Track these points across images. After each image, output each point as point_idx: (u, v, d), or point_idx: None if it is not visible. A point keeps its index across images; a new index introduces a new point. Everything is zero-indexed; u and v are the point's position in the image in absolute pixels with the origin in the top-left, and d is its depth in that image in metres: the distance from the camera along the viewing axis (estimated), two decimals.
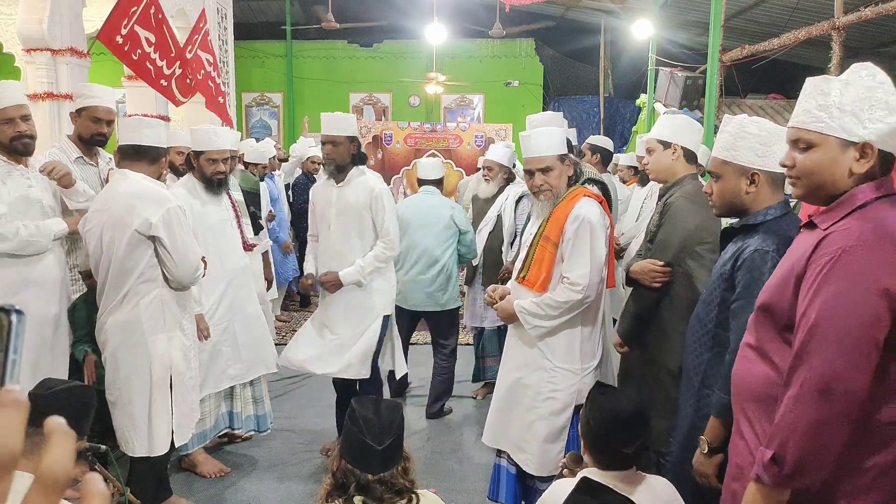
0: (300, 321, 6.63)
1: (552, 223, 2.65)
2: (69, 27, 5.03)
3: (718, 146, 2.05)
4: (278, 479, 3.44)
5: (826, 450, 1.38)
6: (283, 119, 13.72)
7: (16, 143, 2.85)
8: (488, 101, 13.66)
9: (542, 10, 11.82)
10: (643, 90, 9.69)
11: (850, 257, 1.37)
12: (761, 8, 8.31)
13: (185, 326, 2.88)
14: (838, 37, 5.17)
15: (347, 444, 1.74)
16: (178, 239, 2.68)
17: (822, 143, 1.47)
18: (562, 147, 2.68)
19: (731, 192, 2.00)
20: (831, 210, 1.48)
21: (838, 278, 1.37)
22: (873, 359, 1.34)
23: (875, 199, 1.43)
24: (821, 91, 1.46)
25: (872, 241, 1.36)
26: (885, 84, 1.43)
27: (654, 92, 8.88)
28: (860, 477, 1.40)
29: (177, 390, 2.81)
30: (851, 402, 1.35)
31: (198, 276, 2.80)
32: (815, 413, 1.37)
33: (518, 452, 2.72)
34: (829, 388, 1.35)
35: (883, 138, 1.42)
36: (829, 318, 1.37)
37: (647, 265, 2.57)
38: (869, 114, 1.41)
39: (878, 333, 1.34)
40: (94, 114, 3.30)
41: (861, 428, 1.39)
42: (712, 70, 6.35)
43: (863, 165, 1.44)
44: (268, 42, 13.38)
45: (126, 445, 2.80)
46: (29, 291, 2.90)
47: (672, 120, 2.74)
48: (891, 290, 1.33)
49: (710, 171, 2.10)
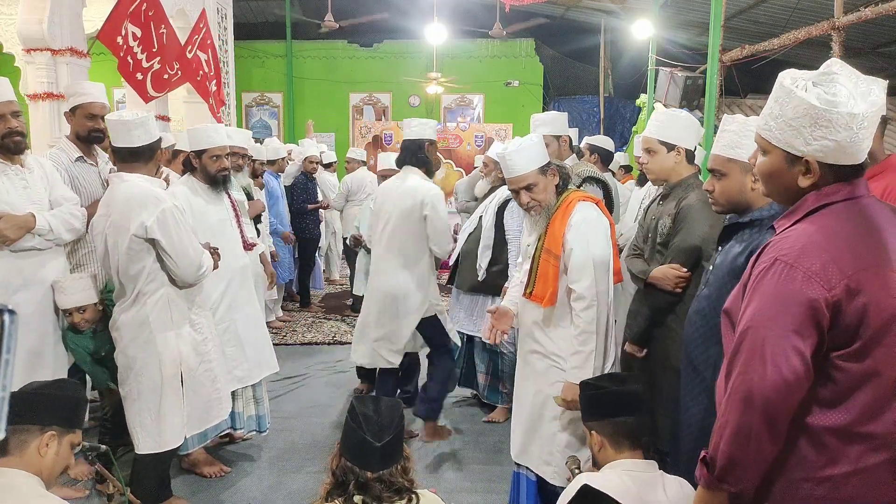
0: (300, 321, 6.65)
1: (550, 235, 2.61)
2: (69, 27, 5.03)
3: (722, 144, 2.07)
4: (278, 479, 3.44)
5: (752, 456, 1.39)
6: (283, 119, 13.72)
7: (7, 141, 2.83)
8: (488, 101, 13.67)
9: (542, 9, 11.82)
10: (643, 90, 9.68)
11: (778, 267, 1.37)
12: (761, 8, 8.31)
13: (196, 321, 2.90)
14: (838, 37, 5.17)
15: (347, 442, 1.75)
16: (176, 239, 2.68)
17: (772, 151, 1.45)
18: (540, 159, 2.60)
19: (737, 189, 2.05)
20: (787, 215, 1.48)
21: (767, 288, 1.37)
22: (797, 368, 1.34)
23: (820, 208, 1.41)
24: (776, 98, 1.42)
25: (803, 251, 1.35)
26: (835, 98, 1.35)
27: (654, 92, 8.88)
28: (815, 487, 1.39)
29: (188, 386, 2.83)
30: (771, 410, 1.35)
31: (202, 273, 2.79)
32: (738, 419, 1.38)
33: (543, 466, 2.67)
34: (751, 396, 1.36)
35: (829, 154, 1.37)
36: (755, 327, 1.38)
37: (671, 271, 2.53)
38: (810, 131, 1.36)
39: (801, 344, 1.33)
40: (90, 110, 3.29)
41: (810, 438, 1.39)
42: (712, 70, 6.35)
43: (807, 180, 1.41)
44: (268, 42, 13.39)
45: (134, 441, 2.82)
46: (29, 291, 2.90)
47: (674, 120, 2.67)
48: (813, 300, 1.32)
49: (713, 169, 2.11)
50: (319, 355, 5.60)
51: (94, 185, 3.40)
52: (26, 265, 2.89)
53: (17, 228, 2.80)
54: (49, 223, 2.89)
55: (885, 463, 1.36)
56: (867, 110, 1.34)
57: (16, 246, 2.82)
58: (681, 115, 2.71)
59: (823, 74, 1.39)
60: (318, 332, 6.26)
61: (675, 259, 2.55)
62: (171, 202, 2.73)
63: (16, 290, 2.85)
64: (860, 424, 1.36)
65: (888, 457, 1.36)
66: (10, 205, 2.82)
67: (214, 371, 2.98)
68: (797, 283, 1.34)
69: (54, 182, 3.06)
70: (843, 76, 1.38)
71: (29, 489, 1.68)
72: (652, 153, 2.67)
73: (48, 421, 1.75)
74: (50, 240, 2.92)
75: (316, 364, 5.35)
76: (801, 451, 1.40)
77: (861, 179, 1.44)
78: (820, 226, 1.39)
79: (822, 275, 1.33)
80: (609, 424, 2.01)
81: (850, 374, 1.36)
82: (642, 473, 1.94)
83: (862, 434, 1.36)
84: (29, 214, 2.84)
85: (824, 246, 1.35)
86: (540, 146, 2.63)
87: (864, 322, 1.33)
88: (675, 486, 1.93)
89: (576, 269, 2.54)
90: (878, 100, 1.37)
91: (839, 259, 1.34)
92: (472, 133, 11.44)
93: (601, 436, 2.03)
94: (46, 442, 1.75)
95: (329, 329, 6.38)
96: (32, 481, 1.70)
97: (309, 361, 5.41)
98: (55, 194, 3.02)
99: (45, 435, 1.75)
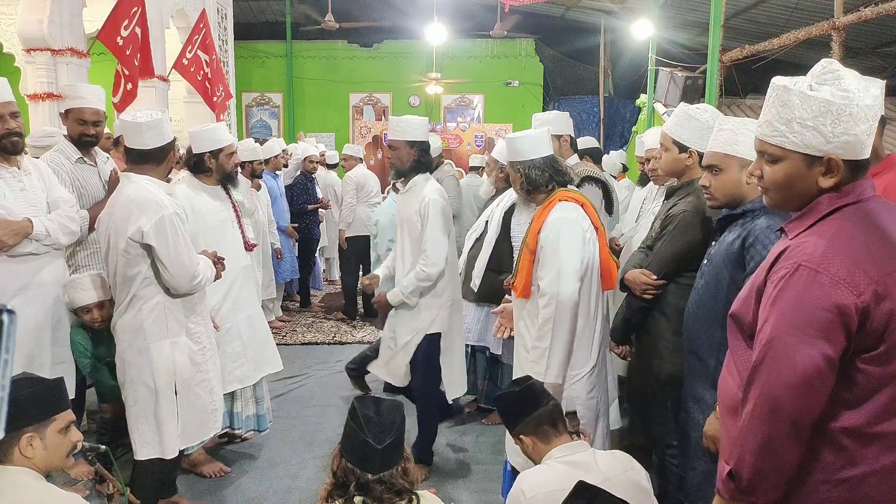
0: (300, 321, 6.65)
1: (530, 230, 2.72)
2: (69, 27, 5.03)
3: (720, 142, 2.15)
4: (278, 479, 3.44)
5: (779, 467, 1.38)
6: (283, 119, 13.72)
7: (4, 142, 2.80)
8: (488, 101, 13.68)
9: (542, 9, 11.82)
10: (643, 90, 9.68)
11: (803, 273, 1.35)
12: (761, 8, 8.32)
13: (193, 329, 2.82)
14: (838, 37, 5.17)
15: (348, 443, 1.75)
16: (171, 247, 2.63)
17: (787, 157, 1.42)
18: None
19: (733, 185, 2.12)
20: (800, 218, 1.46)
21: (791, 294, 1.36)
22: (826, 376, 1.33)
23: (837, 209, 1.40)
24: (783, 102, 1.40)
25: (827, 256, 1.34)
26: (849, 92, 1.35)
27: (654, 92, 8.88)
28: (833, 490, 1.39)
29: (182, 397, 2.76)
30: (799, 421, 1.35)
31: (196, 283, 2.72)
32: (766, 430, 1.37)
33: (516, 456, 2.73)
34: (778, 406, 1.35)
35: (849, 150, 1.37)
36: (780, 335, 1.36)
37: (641, 276, 2.53)
38: (832, 128, 1.35)
39: (830, 350, 1.33)
40: (80, 116, 3.27)
41: (828, 441, 1.38)
42: (712, 70, 6.35)
43: (829, 180, 1.40)
44: (268, 42, 13.39)
45: (133, 446, 2.79)
46: (27, 295, 2.88)
47: (692, 121, 2.52)
48: (842, 306, 1.31)
49: (711, 165, 2.17)
50: (319, 355, 5.59)
51: (96, 185, 3.39)
52: (24, 269, 2.87)
53: (14, 234, 2.77)
54: (46, 228, 2.87)
55: None
56: (872, 103, 1.36)
57: (13, 251, 2.79)
58: (702, 118, 2.51)
59: (826, 73, 1.39)
60: (318, 332, 6.26)
61: (651, 265, 2.54)
62: (173, 209, 2.68)
63: (13, 295, 2.82)
64: (876, 425, 1.36)
65: None
66: (7, 209, 2.79)
67: (211, 382, 2.92)
68: (825, 288, 1.32)
69: (51, 184, 3.04)
70: (845, 72, 1.40)
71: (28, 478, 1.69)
72: (665, 149, 2.61)
73: (17, 426, 1.70)
74: (47, 244, 2.90)
75: (316, 364, 5.35)
76: (820, 453, 1.39)
77: (868, 180, 1.44)
78: (837, 230, 1.38)
79: (849, 280, 1.32)
80: (529, 422, 2.10)
81: (872, 377, 1.35)
82: (574, 455, 2.03)
83: (878, 434, 1.36)
84: (26, 220, 2.82)
85: (846, 251, 1.34)
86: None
87: (891, 326, 1.33)
88: (607, 458, 2.04)
89: (542, 265, 2.62)
90: (879, 94, 1.39)
91: (863, 264, 1.33)
92: (472, 133, 11.44)
93: (528, 436, 2.11)
94: (27, 444, 1.73)
95: (329, 329, 6.37)
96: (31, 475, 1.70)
97: (309, 361, 5.41)
98: (52, 196, 3.00)
99: (23, 440, 1.71)
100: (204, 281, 2.77)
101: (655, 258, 2.54)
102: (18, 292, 2.84)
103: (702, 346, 2.15)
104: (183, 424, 2.78)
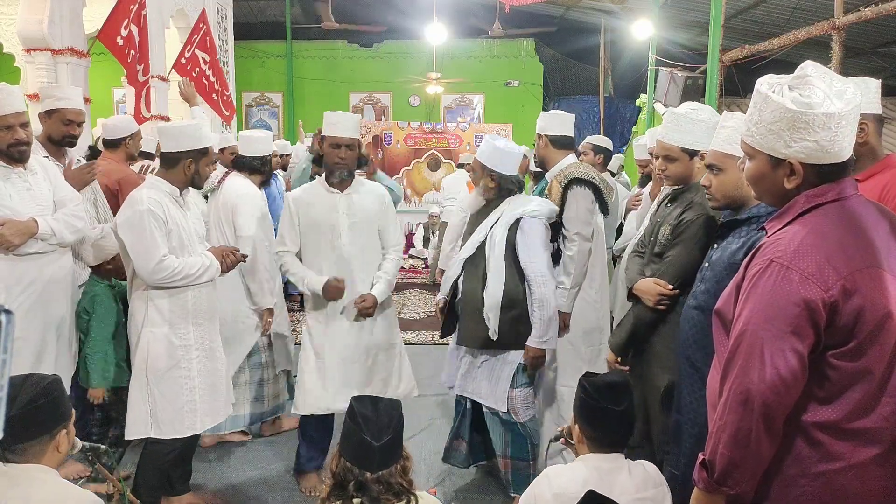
0: (300, 321, 6.63)
1: None
2: (69, 27, 5.04)
3: (721, 140, 2.08)
4: (278, 479, 3.44)
5: (751, 458, 1.40)
6: (284, 119, 13.73)
7: (12, 150, 2.86)
8: (488, 101, 13.68)
9: (542, 10, 11.84)
10: (643, 90, 9.70)
11: (775, 268, 1.38)
12: (761, 8, 8.32)
13: (178, 325, 2.82)
14: (838, 37, 5.18)
15: (346, 442, 1.75)
16: (137, 241, 2.70)
17: (756, 156, 1.48)
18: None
19: (734, 185, 2.06)
20: (778, 216, 1.50)
21: (763, 290, 1.39)
22: (795, 369, 1.36)
23: (816, 206, 1.42)
24: (755, 103, 1.45)
25: (799, 253, 1.37)
26: (810, 100, 1.37)
27: (654, 92, 8.89)
28: (811, 483, 1.41)
29: (154, 386, 2.78)
30: (769, 414, 1.37)
31: (159, 278, 2.72)
32: (737, 421, 1.39)
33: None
34: (749, 398, 1.38)
35: (812, 154, 1.40)
36: (752, 329, 1.39)
37: (655, 287, 2.43)
38: (789, 133, 1.39)
39: (800, 345, 1.35)
40: (66, 116, 3.28)
41: (804, 436, 1.41)
42: (712, 70, 6.36)
43: (792, 182, 1.44)
44: (268, 42, 13.40)
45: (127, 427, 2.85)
46: (33, 292, 2.89)
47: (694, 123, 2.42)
48: (810, 301, 1.34)
49: (711, 165, 2.12)
50: None
51: None
52: (29, 268, 2.90)
53: (19, 234, 2.82)
54: (52, 227, 2.90)
55: (876, 457, 1.39)
56: (843, 109, 1.37)
57: (19, 251, 2.83)
58: (701, 118, 2.41)
59: (798, 77, 1.42)
60: None
61: (664, 274, 2.45)
62: (149, 206, 2.73)
63: (20, 292, 2.86)
64: (851, 420, 1.39)
65: (879, 451, 1.39)
66: (13, 209, 2.83)
67: (193, 381, 2.87)
68: (794, 284, 1.36)
69: (58, 182, 3.07)
70: (817, 77, 1.41)
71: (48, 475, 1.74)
72: (672, 160, 2.45)
73: (51, 426, 1.78)
74: (53, 244, 2.94)
75: None
76: (796, 448, 1.42)
77: (848, 178, 1.45)
78: (812, 227, 1.40)
79: (818, 276, 1.35)
80: (595, 432, 2.01)
81: (844, 373, 1.38)
82: (607, 464, 1.97)
83: (853, 430, 1.39)
84: (31, 220, 2.86)
85: (818, 247, 1.37)
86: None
87: (860, 322, 1.35)
88: (640, 469, 1.97)
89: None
90: (854, 98, 1.39)
91: (833, 260, 1.36)
92: (472, 133, 11.44)
93: (583, 434, 2.05)
94: (64, 439, 1.81)
95: None
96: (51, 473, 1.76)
97: None
98: (59, 195, 3.03)
99: (60, 436, 1.79)
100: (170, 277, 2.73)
101: (670, 267, 2.42)
102: (25, 290, 2.87)
103: (696, 355, 2.12)
104: (153, 413, 2.79)
